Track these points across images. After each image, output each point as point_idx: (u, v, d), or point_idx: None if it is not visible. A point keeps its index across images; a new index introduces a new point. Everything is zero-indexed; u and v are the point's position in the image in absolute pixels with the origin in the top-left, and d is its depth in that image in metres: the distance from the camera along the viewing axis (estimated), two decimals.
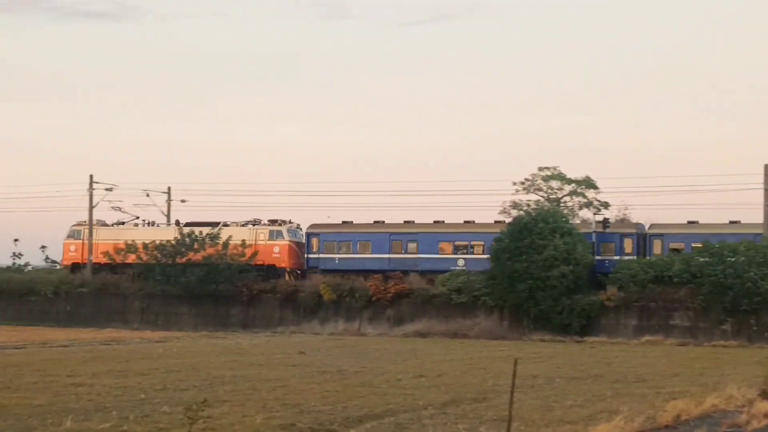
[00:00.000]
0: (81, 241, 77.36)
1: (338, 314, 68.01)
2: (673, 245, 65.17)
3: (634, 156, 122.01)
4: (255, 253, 71.23)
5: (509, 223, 66.56)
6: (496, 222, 70.96)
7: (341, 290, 67.91)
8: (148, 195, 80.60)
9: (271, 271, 72.32)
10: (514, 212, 75.72)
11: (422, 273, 68.52)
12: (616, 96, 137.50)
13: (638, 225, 68.32)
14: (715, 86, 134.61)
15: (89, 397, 23.97)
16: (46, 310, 73.83)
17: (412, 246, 70.14)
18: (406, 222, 72.11)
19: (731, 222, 65.78)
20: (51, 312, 73.65)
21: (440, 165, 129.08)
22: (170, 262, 70.77)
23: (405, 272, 68.56)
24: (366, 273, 69.39)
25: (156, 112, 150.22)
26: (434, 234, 70.21)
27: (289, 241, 73.46)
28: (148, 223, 78.01)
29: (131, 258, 73.09)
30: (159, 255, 71.12)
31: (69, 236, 78.66)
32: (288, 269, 72.87)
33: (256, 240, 72.89)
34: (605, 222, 67.57)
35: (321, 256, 72.16)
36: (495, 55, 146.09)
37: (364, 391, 26.74)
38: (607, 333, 61.73)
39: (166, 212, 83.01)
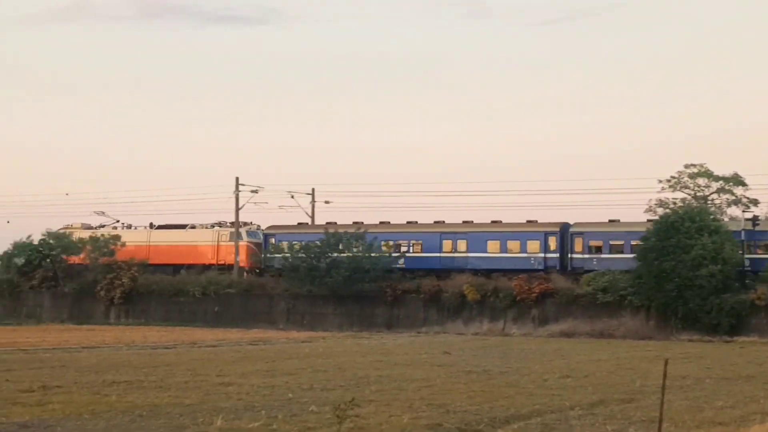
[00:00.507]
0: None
1: (482, 314, 67.76)
2: None
3: None
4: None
5: (655, 222, 65.50)
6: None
7: (485, 290, 67.69)
8: (292, 197, 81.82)
9: (231, 269, 76.84)
10: (660, 210, 74.60)
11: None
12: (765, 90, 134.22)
13: None
14: None
15: (238, 396, 24.31)
16: (194, 311, 75.27)
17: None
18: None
19: None
20: (199, 312, 75.07)
21: (580, 162, 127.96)
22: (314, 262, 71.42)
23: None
24: None
25: (298, 115, 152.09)
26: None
27: (248, 241, 77.77)
28: (126, 226, 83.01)
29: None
30: (305, 256, 71.89)
31: None
32: (246, 268, 77.08)
33: (218, 241, 77.60)
34: (754, 220, 65.93)
35: (276, 255, 75.09)
36: (632, 51, 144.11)
37: (510, 391, 26.57)
38: (758, 333, 60.20)
39: (310, 213, 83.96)
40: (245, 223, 78.86)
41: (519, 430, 19.74)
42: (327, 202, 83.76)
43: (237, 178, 79.28)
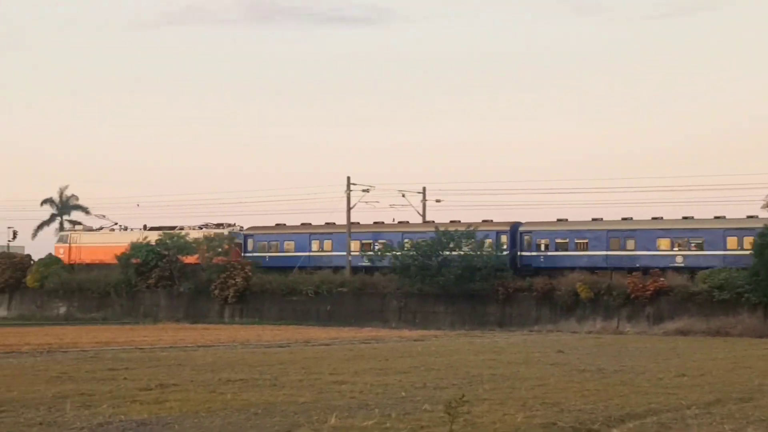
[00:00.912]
0: (68, 245, 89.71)
1: (596, 312, 67.21)
2: None
3: None
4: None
5: None
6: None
7: (598, 288, 67.10)
8: (403, 195, 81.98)
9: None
10: None
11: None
12: None
13: None
14: None
15: (352, 394, 24.40)
16: (307, 310, 75.90)
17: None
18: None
19: None
20: (312, 311, 75.67)
21: (694, 158, 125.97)
22: (427, 262, 71.65)
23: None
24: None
25: (408, 114, 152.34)
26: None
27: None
28: (122, 228, 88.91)
29: None
30: (416, 254, 72.02)
31: (59, 241, 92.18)
32: None
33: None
34: None
35: (255, 254, 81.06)
36: (740, 47, 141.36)
37: (625, 390, 26.23)
38: None
39: (421, 212, 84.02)
40: (228, 224, 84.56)
41: (634, 429, 19.48)
42: (438, 201, 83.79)
43: (348, 178, 79.79)
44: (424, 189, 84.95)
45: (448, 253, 71.19)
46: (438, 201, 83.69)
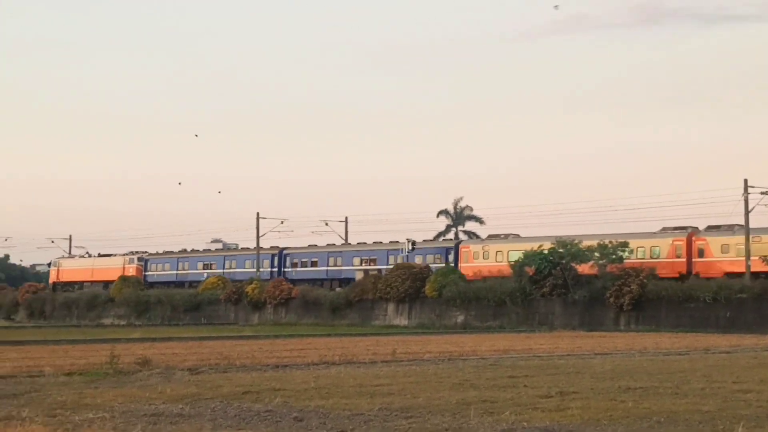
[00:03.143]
0: (57, 269, 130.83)
1: None
2: None
3: None
4: None
5: None
6: None
7: None
8: None
9: None
10: None
11: None
12: None
13: None
14: None
15: (759, 404, 23.51)
16: (705, 317, 73.88)
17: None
18: None
19: None
20: (711, 318, 73.59)
21: None
22: None
23: None
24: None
25: None
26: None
27: None
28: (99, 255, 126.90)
29: None
30: None
31: (51, 265, 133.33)
32: None
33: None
34: None
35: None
36: None
37: None
38: None
39: None
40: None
41: None
42: None
43: (745, 180, 77.02)
44: None
45: None
46: None
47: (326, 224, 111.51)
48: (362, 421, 20.79)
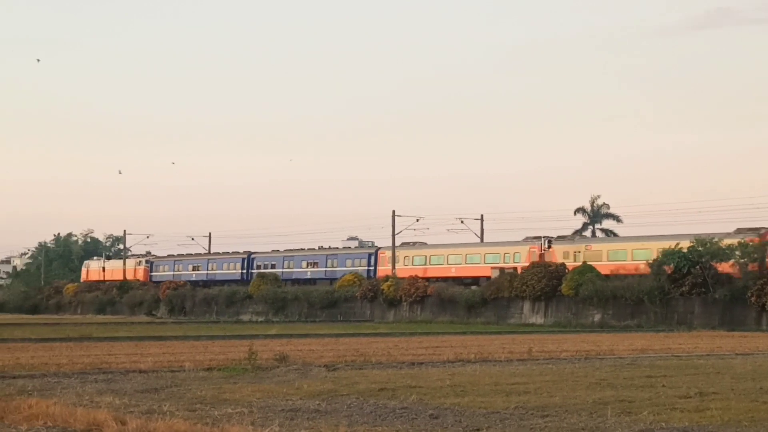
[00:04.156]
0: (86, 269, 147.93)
1: None
2: None
3: None
4: None
5: None
6: None
7: None
8: None
9: None
10: None
11: None
12: None
13: None
14: None
15: None
16: None
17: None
18: None
19: None
20: None
21: None
22: None
23: None
24: None
25: None
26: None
27: None
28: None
29: None
30: None
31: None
32: None
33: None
34: None
35: None
36: None
37: None
38: None
39: None
40: None
41: None
42: None
43: None
44: None
45: None
46: None
47: (461, 222, 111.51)
48: (498, 420, 20.75)
